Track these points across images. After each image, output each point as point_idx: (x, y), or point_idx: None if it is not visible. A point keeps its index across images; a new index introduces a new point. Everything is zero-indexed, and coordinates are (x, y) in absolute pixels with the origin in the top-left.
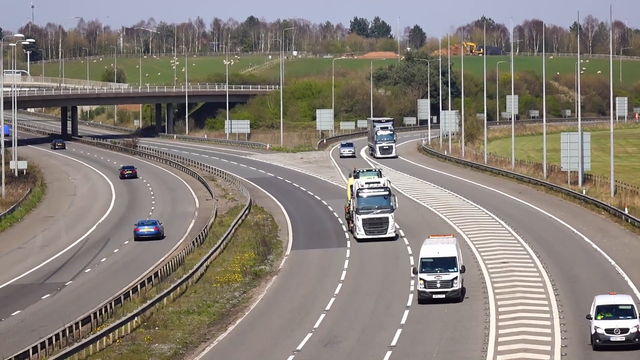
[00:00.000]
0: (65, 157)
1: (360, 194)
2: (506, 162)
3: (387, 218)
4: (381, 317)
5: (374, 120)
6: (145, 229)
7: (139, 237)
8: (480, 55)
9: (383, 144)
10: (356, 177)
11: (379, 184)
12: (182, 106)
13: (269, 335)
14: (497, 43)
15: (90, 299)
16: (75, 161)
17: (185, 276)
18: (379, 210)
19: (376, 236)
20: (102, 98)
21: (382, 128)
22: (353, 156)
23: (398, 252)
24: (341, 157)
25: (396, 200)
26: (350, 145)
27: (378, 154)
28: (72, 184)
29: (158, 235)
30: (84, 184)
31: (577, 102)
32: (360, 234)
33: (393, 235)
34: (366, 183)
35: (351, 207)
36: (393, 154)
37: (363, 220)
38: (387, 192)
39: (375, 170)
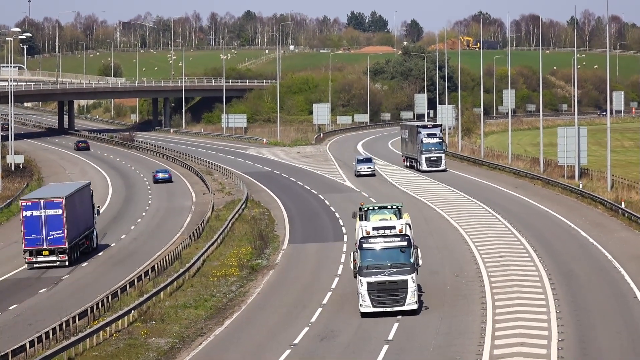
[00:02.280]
0: (61, 152)
1: (364, 245)
2: (503, 157)
3: (405, 282)
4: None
5: (418, 126)
6: (160, 175)
7: (157, 181)
8: (477, 49)
9: (431, 155)
10: (363, 216)
11: (393, 230)
12: (179, 100)
13: (266, 329)
14: (494, 37)
15: (86, 293)
16: (72, 155)
17: (182, 270)
18: (393, 270)
19: (390, 309)
20: (99, 92)
21: (428, 135)
22: (372, 174)
23: None
24: (357, 175)
25: (419, 254)
26: (368, 160)
27: (424, 167)
28: (68, 178)
29: (170, 179)
30: (80, 179)
31: (574, 96)
32: (366, 304)
33: (415, 307)
34: (374, 228)
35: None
36: (442, 167)
37: (369, 285)
38: (405, 243)
39: (392, 207)
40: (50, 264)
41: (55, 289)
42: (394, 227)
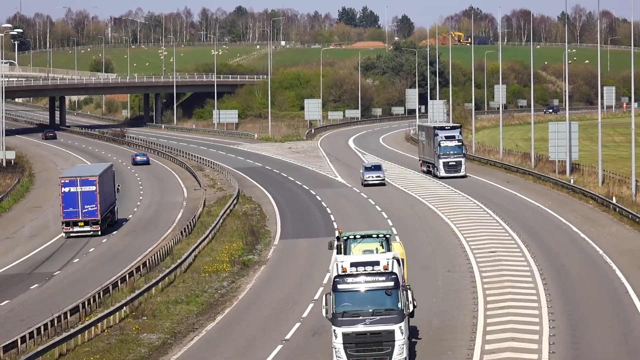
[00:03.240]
0: (53, 147)
1: (339, 286)
2: (494, 152)
3: (390, 333)
4: None
5: (434, 127)
6: (139, 158)
7: (136, 163)
8: (468, 44)
9: (449, 159)
10: (342, 248)
11: (377, 267)
12: (170, 96)
13: (258, 324)
14: (485, 33)
15: (78, 289)
16: (64, 151)
17: (173, 266)
18: (376, 318)
19: None
20: (90, 88)
21: (447, 137)
22: (382, 184)
23: None
24: (365, 184)
25: (410, 297)
26: (377, 168)
27: (442, 173)
28: (60, 174)
29: (148, 162)
30: None
31: (565, 91)
32: None
33: None
34: (352, 265)
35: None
36: (462, 172)
37: (345, 337)
38: (392, 283)
39: (377, 236)
40: (85, 234)
41: (47, 284)
42: (377, 263)
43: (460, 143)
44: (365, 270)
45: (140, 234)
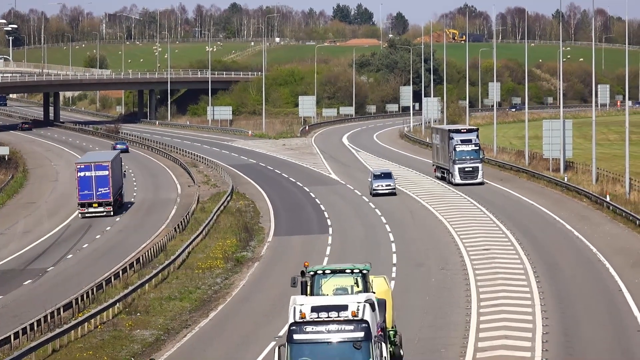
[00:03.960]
0: (47, 143)
1: (295, 337)
2: (488, 149)
3: None
4: None
5: (449, 130)
6: (119, 146)
7: (114, 148)
8: (463, 42)
9: (465, 165)
10: (307, 286)
11: (344, 312)
12: (164, 92)
13: (251, 321)
14: (479, 30)
15: (71, 285)
16: (58, 147)
17: (167, 262)
18: None
19: None
20: (84, 84)
21: (463, 141)
22: (392, 193)
23: (379, 238)
24: (374, 194)
25: (384, 352)
26: (387, 176)
27: (457, 179)
28: (54, 170)
29: (127, 150)
30: (66, 170)
31: (559, 89)
32: None
33: None
34: (314, 309)
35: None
36: (479, 179)
37: None
38: (361, 333)
39: (352, 271)
40: (99, 214)
41: (40, 280)
42: (344, 308)
43: (478, 147)
44: (329, 317)
45: (145, 215)
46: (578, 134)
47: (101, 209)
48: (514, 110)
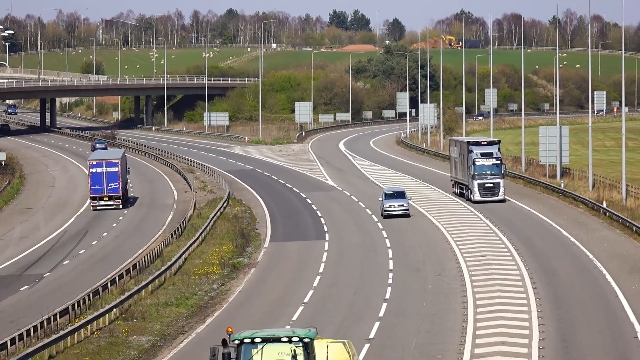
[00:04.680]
0: (44, 149)
1: None
2: None
3: None
4: (359, 309)
5: (468, 142)
6: (98, 145)
7: (95, 148)
8: (459, 48)
9: (485, 180)
10: (231, 359)
11: None
12: (161, 98)
13: (247, 327)
14: (476, 36)
15: (68, 291)
16: (54, 153)
17: (163, 268)
18: None
19: None
20: (81, 90)
21: (482, 155)
22: (406, 214)
23: (376, 244)
24: (385, 216)
25: None
26: (400, 196)
27: (476, 196)
28: (50, 176)
29: (105, 148)
30: (62, 176)
31: (556, 95)
32: None
33: None
34: None
35: None
36: (500, 196)
37: None
38: None
39: (291, 339)
40: (109, 207)
41: (37, 286)
42: None
43: (499, 161)
44: None
45: (141, 221)
46: (575, 140)
47: (111, 202)
48: (481, 118)
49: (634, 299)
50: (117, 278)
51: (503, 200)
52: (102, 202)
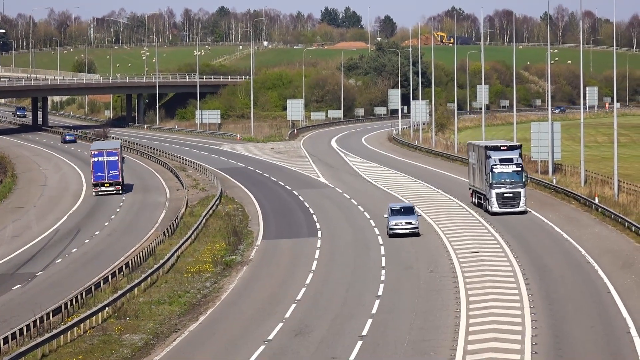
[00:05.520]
0: (35, 148)
1: None
2: None
3: None
4: (352, 306)
5: (486, 147)
6: (68, 137)
7: (65, 142)
8: (451, 45)
9: (504, 190)
10: None
11: None
12: (152, 96)
13: (240, 325)
14: (467, 33)
15: (61, 290)
16: (46, 152)
17: (156, 266)
18: None
19: None
20: (72, 88)
21: (502, 161)
22: (415, 234)
23: (368, 241)
24: (391, 235)
25: None
26: (408, 212)
27: (494, 207)
28: (42, 175)
29: (75, 141)
30: (54, 175)
31: (548, 91)
32: None
33: None
34: None
35: None
36: (521, 207)
37: None
38: None
39: None
40: (109, 193)
41: (30, 285)
42: None
43: (520, 168)
44: None
45: (134, 219)
46: (566, 136)
47: (112, 188)
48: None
49: (626, 294)
50: (109, 276)
51: (524, 212)
52: (103, 188)
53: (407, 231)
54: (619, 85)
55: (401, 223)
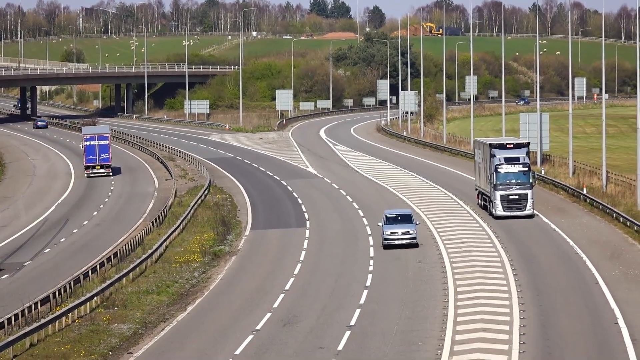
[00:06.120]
0: (24, 137)
1: None
2: (465, 143)
3: None
4: (340, 297)
5: (491, 145)
6: (40, 123)
7: (38, 127)
8: (440, 35)
9: (509, 192)
10: None
11: None
12: (141, 86)
13: (228, 315)
14: (456, 24)
15: (49, 279)
16: (35, 141)
17: (144, 256)
18: None
19: None
20: (61, 78)
21: (507, 160)
22: (413, 244)
23: (357, 232)
24: (386, 246)
25: None
26: (405, 220)
27: (498, 210)
28: (31, 164)
29: (46, 126)
30: (43, 164)
31: (536, 82)
32: None
33: None
34: None
35: None
36: (528, 210)
37: None
38: None
39: None
40: (100, 174)
41: (18, 274)
42: None
43: (527, 168)
44: None
45: (122, 209)
46: (555, 126)
47: (102, 170)
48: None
49: (614, 285)
50: (98, 266)
51: (531, 216)
52: (94, 170)
53: (404, 242)
54: (608, 76)
55: (397, 233)
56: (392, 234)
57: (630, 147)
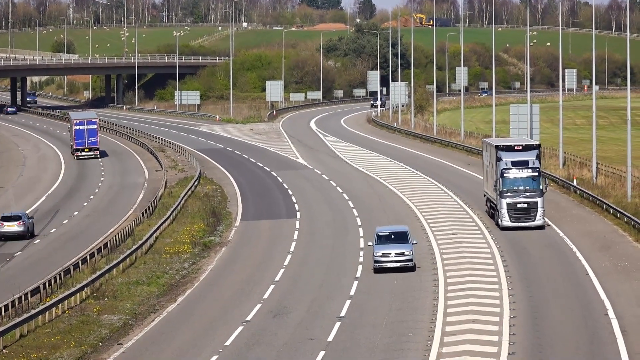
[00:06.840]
0: (14, 128)
1: None
2: (455, 134)
3: None
4: (330, 288)
5: (497, 147)
6: (10, 109)
7: (7, 113)
8: (430, 27)
9: (517, 200)
10: None
11: None
12: (131, 77)
13: (219, 306)
14: (447, 15)
15: (39, 270)
16: (25, 132)
17: (134, 247)
18: None
19: None
20: (51, 69)
21: (515, 164)
22: (409, 268)
23: (347, 223)
24: (377, 269)
25: None
26: (399, 238)
27: (504, 221)
28: (21, 155)
29: (16, 112)
30: (33, 155)
31: (527, 74)
32: None
33: None
34: None
35: None
36: (538, 221)
37: None
38: None
39: None
40: (89, 157)
41: (8, 265)
42: None
43: (537, 173)
44: None
45: (113, 200)
46: (545, 118)
47: (91, 153)
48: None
49: (604, 276)
50: (88, 257)
51: (542, 227)
52: (83, 153)
53: (398, 265)
54: (598, 68)
55: (390, 254)
56: (383, 255)
57: (621, 138)
